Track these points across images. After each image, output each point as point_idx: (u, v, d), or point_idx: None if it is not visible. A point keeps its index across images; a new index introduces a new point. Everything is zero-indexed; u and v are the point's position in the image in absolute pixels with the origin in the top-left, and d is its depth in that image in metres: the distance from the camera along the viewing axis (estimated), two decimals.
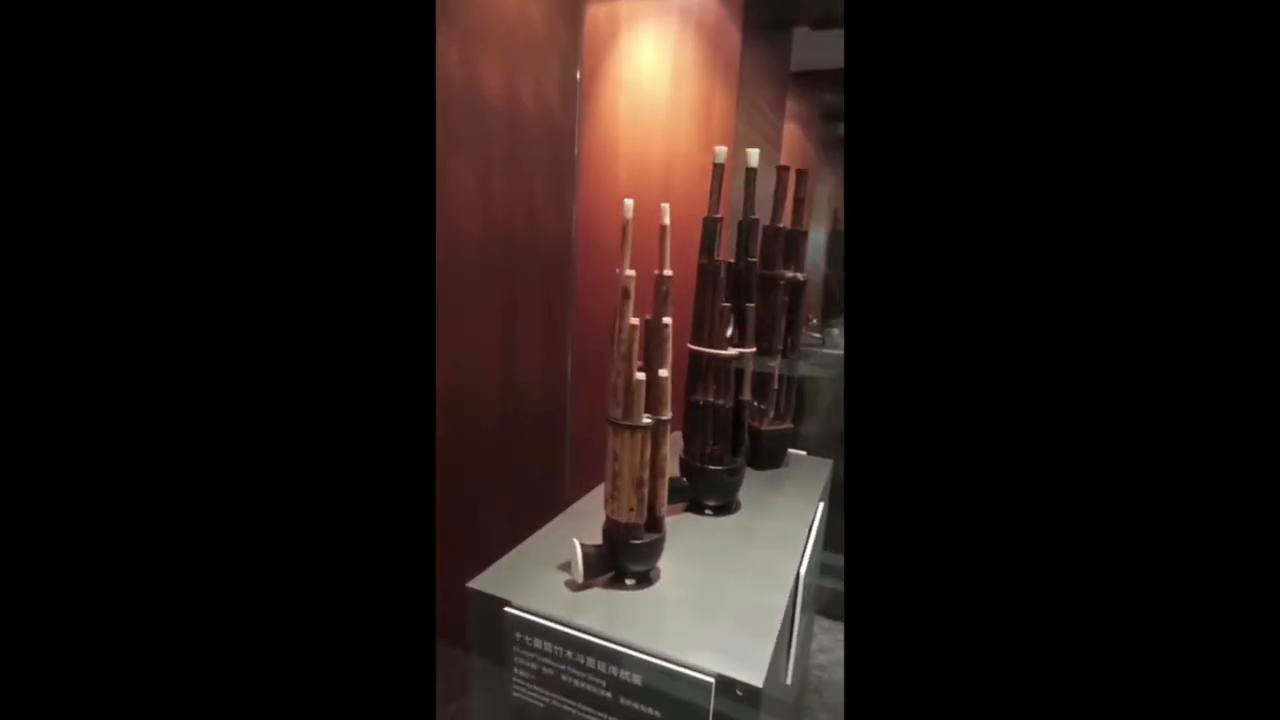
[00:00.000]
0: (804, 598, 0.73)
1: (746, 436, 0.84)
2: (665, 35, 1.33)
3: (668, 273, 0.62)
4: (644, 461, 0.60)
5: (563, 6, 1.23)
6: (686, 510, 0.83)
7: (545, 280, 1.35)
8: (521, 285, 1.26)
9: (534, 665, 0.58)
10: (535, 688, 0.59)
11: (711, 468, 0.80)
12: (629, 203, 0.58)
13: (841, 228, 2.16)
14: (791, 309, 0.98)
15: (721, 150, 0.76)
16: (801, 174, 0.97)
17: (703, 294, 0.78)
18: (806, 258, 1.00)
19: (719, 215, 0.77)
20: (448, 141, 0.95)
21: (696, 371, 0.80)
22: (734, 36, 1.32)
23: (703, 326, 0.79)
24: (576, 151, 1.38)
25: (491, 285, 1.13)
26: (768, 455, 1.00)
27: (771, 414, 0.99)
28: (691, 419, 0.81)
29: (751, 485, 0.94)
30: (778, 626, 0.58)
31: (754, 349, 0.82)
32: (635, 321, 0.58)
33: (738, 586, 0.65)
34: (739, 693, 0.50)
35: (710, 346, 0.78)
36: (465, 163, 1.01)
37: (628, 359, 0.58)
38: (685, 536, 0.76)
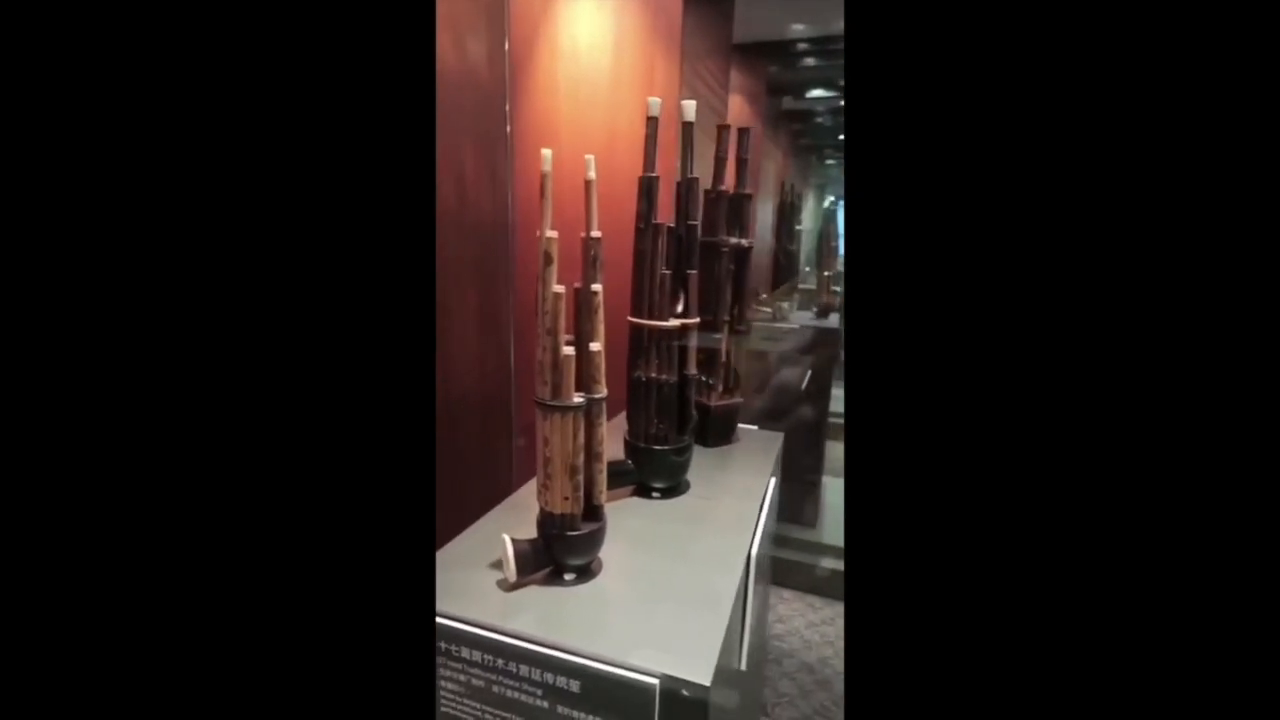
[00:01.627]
0: (756, 575, 0.69)
1: (694, 413, 0.80)
2: (604, 1, 1.25)
3: (595, 234, 0.55)
4: (577, 446, 0.55)
5: None
6: (634, 494, 0.78)
7: (480, 257, 1.27)
8: (455, 263, 1.17)
9: (462, 677, 0.52)
10: (465, 701, 0.53)
11: (657, 448, 0.75)
12: (546, 153, 0.51)
13: (791, 200, 2.13)
14: (738, 277, 0.93)
15: (655, 101, 0.70)
16: (743, 132, 0.92)
17: (641, 261, 0.72)
18: (753, 223, 0.95)
19: (654, 174, 0.71)
20: None
21: (637, 346, 0.74)
22: (675, 5, 1.25)
23: (643, 296, 0.73)
24: (509, 124, 1.29)
25: None
26: (718, 432, 0.96)
27: (720, 389, 0.95)
28: (634, 397, 0.76)
29: (701, 463, 0.90)
30: (727, 615, 0.54)
31: (698, 320, 0.77)
32: (560, 289, 0.52)
33: (685, 573, 0.61)
34: (685, 693, 0.46)
35: (651, 318, 0.72)
36: None
37: (553, 332, 0.52)
38: (630, 522, 0.71)
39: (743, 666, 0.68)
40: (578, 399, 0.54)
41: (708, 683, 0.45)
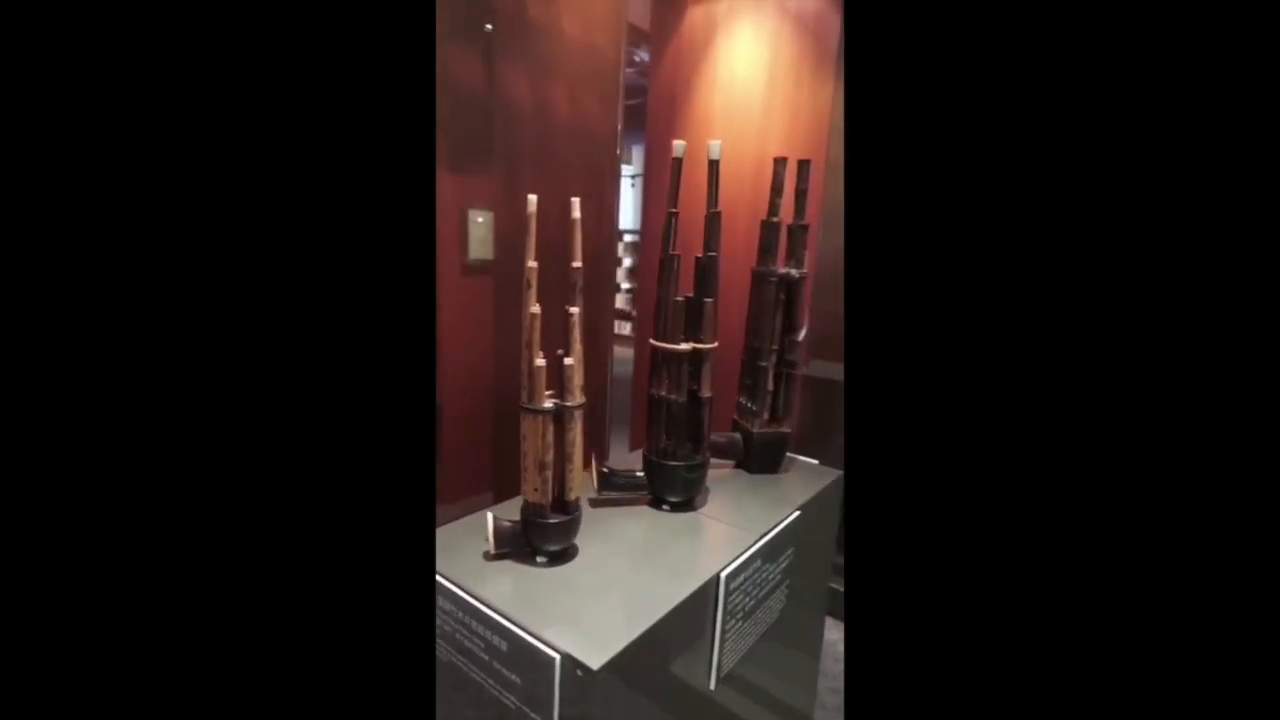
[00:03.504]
0: (732, 601, 0.70)
1: (707, 433, 0.82)
2: (761, 31, 1.31)
3: (577, 264, 0.64)
4: (546, 444, 0.63)
5: (605, 22, 1.28)
6: (648, 504, 0.83)
7: (589, 276, 1.41)
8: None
9: (440, 621, 0.64)
10: (440, 641, 0.65)
11: (665, 462, 0.80)
12: (532, 198, 0.62)
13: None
14: (788, 307, 0.93)
15: (679, 144, 0.76)
16: (803, 164, 0.92)
17: (660, 288, 0.78)
18: (809, 253, 0.94)
19: (674, 210, 0.77)
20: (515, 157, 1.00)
21: (654, 366, 0.80)
22: (833, 31, 1.29)
23: (658, 320, 0.79)
24: (619, 154, 1.42)
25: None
26: (760, 459, 0.96)
27: (765, 416, 0.95)
28: (650, 413, 0.82)
29: (731, 486, 0.92)
30: (655, 619, 0.57)
31: (713, 344, 0.80)
32: (536, 310, 0.62)
33: (644, 577, 0.65)
34: (579, 672, 0.51)
35: (665, 341, 0.78)
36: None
37: (530, 345, 0.62)
38: (626, 526, 0.77)
39: (711, 686, 0.70)
40: (548, 404, 0.63)
41: (595, 667, 0.51)
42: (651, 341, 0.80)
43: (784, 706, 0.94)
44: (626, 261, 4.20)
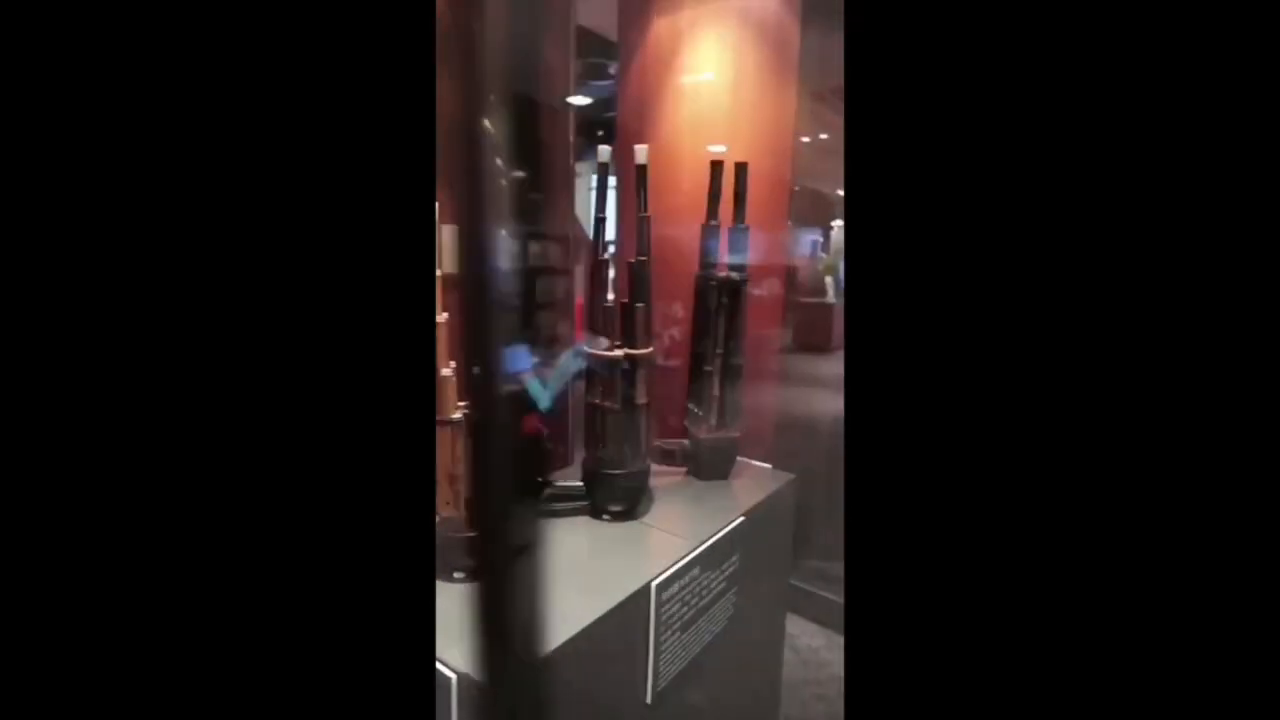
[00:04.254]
0: (667, 611, 0.67)
1: (645, 441, 0.81)
2: (725, 41, 1.31)
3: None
4: (456, 457, 0.62)
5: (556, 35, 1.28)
6: (589, 514, 0.81)
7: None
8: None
9: None
10: None
11: (603, 471, 0.78)
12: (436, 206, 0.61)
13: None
14: (731, 311, 0.92)
15: (640, 149, 0.76)
16: (740, 166, 0.92)
17: (589, 293, 0.77)
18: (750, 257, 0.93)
19: (602, 215, 0.76)
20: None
21: (590, 374, 0.79)
22: (793, 38, 1.29)
23: (591, 326, 0.78)
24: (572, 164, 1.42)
25: None
26: (709, 465, 0.94)
27: (712, 421, 0.93)
28: (587, 422, 0.80)
29: (679, 493, 0.90)
30: (572, 634, 0.55)
31: (647, 350, 0.79)
32: (442, 319, 0.61)
33: (561, 590, 0.63)
34: (475, 691, 0.49)
35: (594, 347, 0.77)
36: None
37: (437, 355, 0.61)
38: (560, 538, 0.75)
39: (648, 699, 0.67)
40: (455, 415, 0.61)
41: (461, 671, 0.49)
42: (584, 349, 0.78)
43: (740, 715, 0.91)
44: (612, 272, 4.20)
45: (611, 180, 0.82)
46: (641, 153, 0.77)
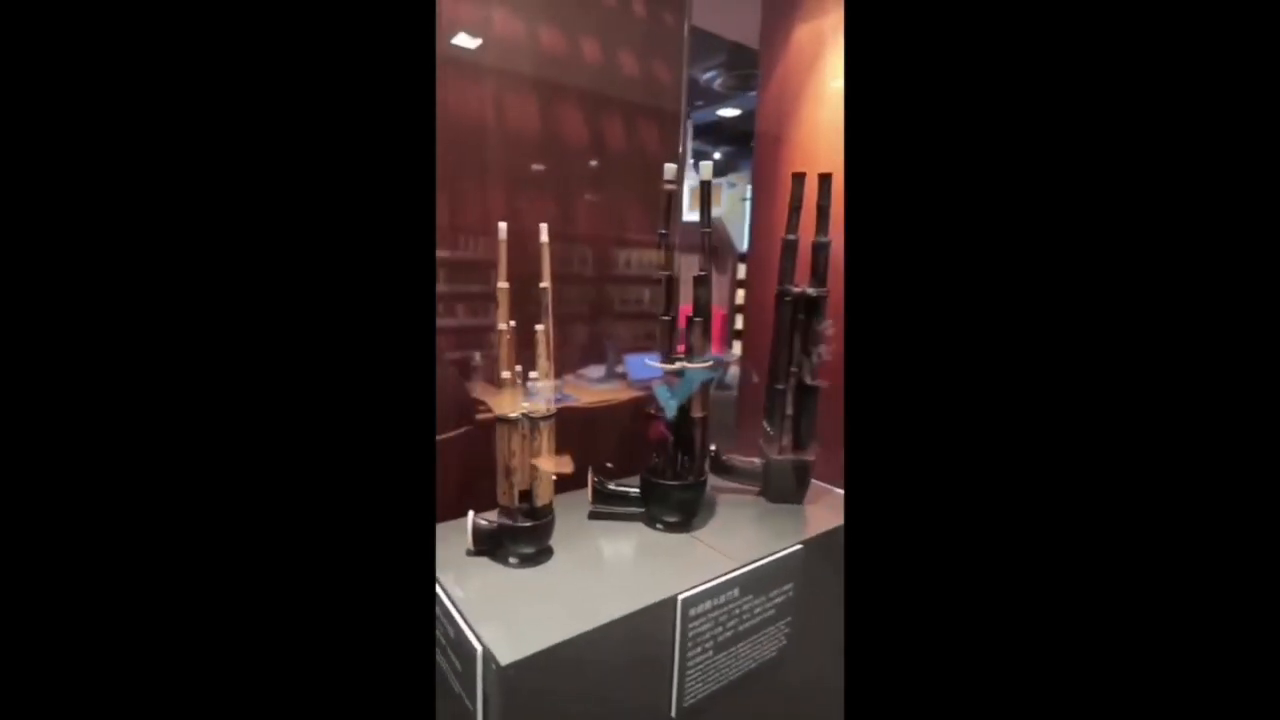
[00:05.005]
0: (696, 628, 0.68)
1: (701, 453, 0.81)
2: None
3: (543, 285, 0.69)
4: (511, 451, 0.68)
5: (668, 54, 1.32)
6: (646, 522, 0.84)
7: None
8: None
9: None
10: None
11: (658, 481, 0.80)
12: (503, 225, 0.68)
13: None
14: (808, 328, 0.88)
15: (670, 167, 0.78)
16: (824, 178, 0.88)
17: (663, 309, 0.80)
18: (831, 272, 0.89)
19: (664, 230, 0.79)
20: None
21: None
22: None
23: (659, 340, 0.81)
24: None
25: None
26: (777, 487, 0.91)
27: (784, 441, 0.91)
28: (648, 431, 0.83)
29: (742, 513, 0.89)
30: (587, 629, 0.59)
31: (707, 364, 0.79)
32: (503, 327, 0.68)
33: (599, 590, 0.66)
34: (494, 666, 0.55)
35: (660, 360, 0.79)
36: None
37: (497, 360, 0.68)
38: (610, 540, 0.79)
39: (672, 713, 0.68)
40: (511, 414, 0.68)
41: (504, 662, 0.53)
42: (645, 361, 0.81)
43: None
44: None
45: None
46: (706, 169, 0.78)
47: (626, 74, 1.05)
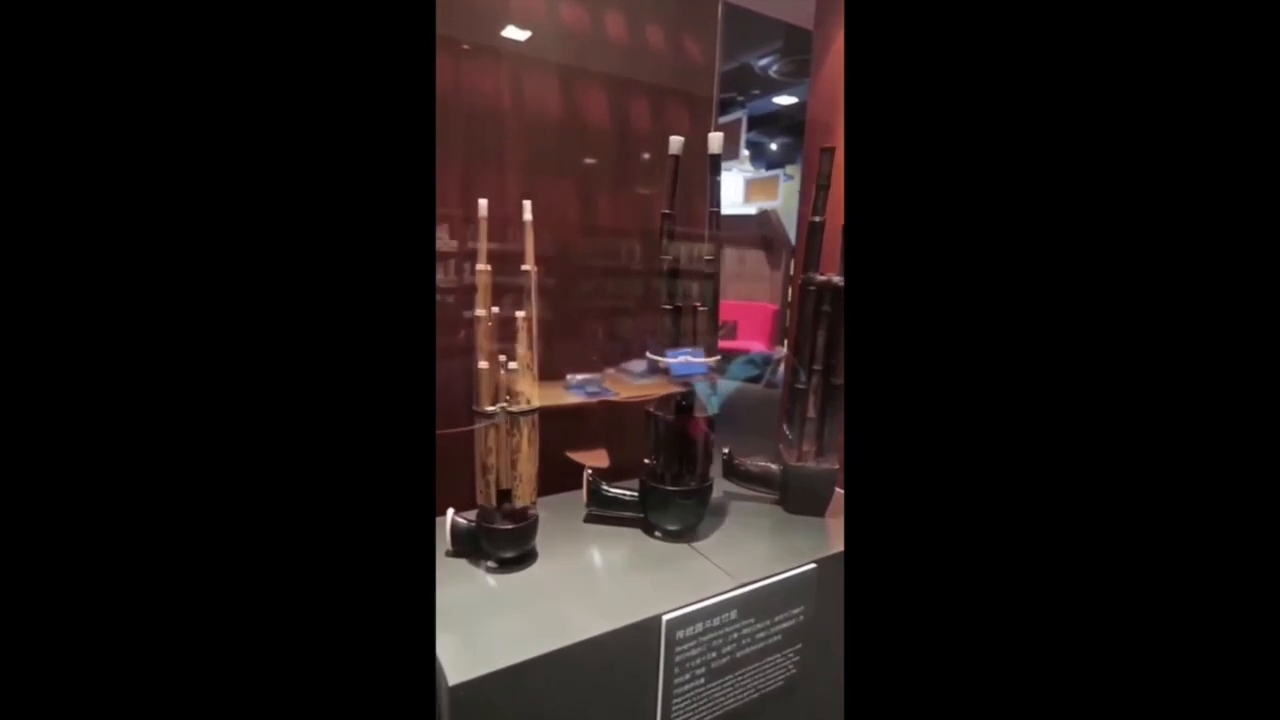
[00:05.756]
0: (684, 652, 0.60)
1: (703, 459, 0.73)
2: None
3: (526, 267, 0.63)
4: (488, 448, 0.63)
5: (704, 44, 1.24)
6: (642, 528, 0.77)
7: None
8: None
9: None
10: None
11: (655, 485, 0.73)
12: (483, 203, 0.63)
13: None
14: (833, 321, 0.79)
15: (676, 140, 0.71)
16: (825, 153, 0.78)
17: (664, 297, 0.73)
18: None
19: (667, 210, 0.71)
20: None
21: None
22: None
23: (658, 331, 0.74)
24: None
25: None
26: (795, 497, 0.82)
27: (806, 446, 0.81)
28: (646, 431, 0.76)
29: (754, 523, 0.81)
30: (549, 649, 0.53)
31: (712, 358, 0.71)
32: (481, 313, 0.63)
33: (575, 606, 0.60)
34: (444, 685, 0.50)
35: (655, 353, 0.72)
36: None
37: (478, 349, 0.63)
38: (601, 546, 0.72)
39: None
40: (490, 408, 0.63)
41: (453, 682, 0.48)
42: (648, 355, 0.75)
43: None
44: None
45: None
46: (715, 142, 0.70)
47: (655, 55, 0.98)
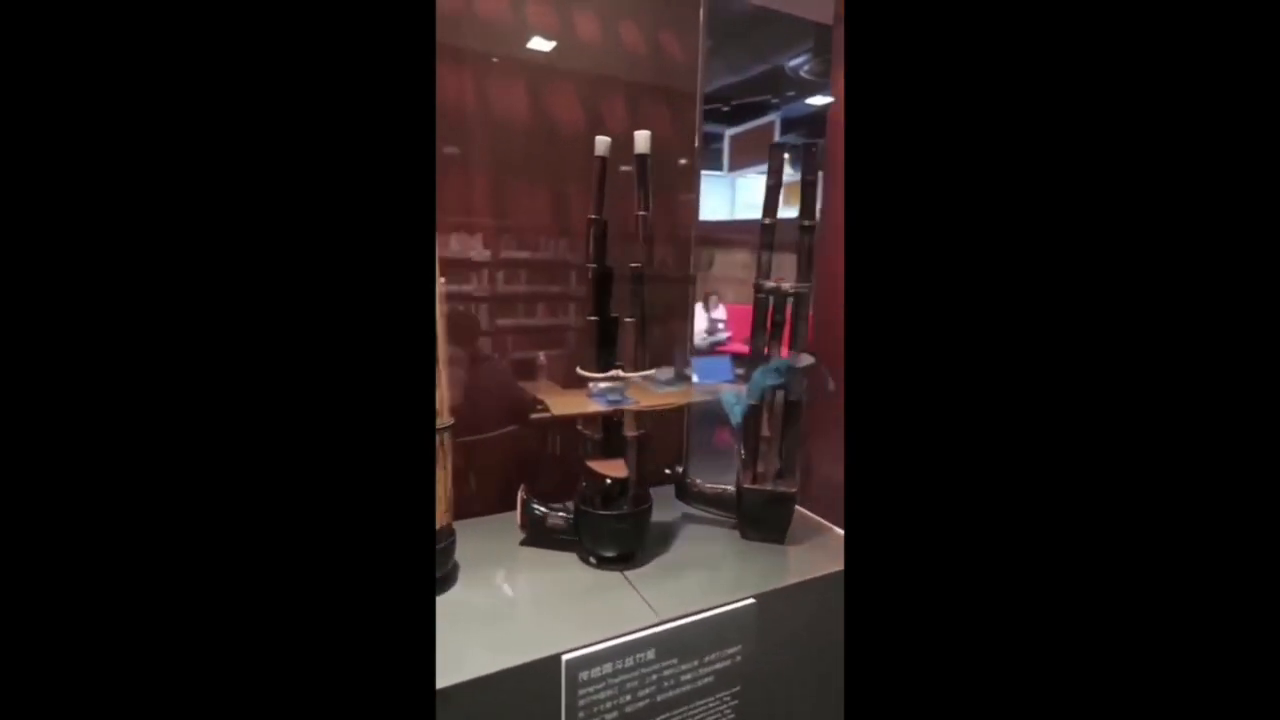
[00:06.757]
0: (591, 697, 0.55)
1: (635, 480, 0.68)
2: None
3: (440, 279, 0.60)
4: None
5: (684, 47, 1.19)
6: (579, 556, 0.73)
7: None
8: None
9: None
10: None
11: (584, 508, 0.69)
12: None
13: None
14: (793, 329, 0.72)
15: (602, 140, 0.67)
16: (808, 149, 0.72)
17: (592, 308, 0.69)
18: (815, 262, 0.72)
19: (594, 215, 0.67)
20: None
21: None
22: None
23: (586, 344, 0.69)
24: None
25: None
26: (750, 521, 0.76)
27: (759, 468, 0.75)
28: (579, 450, 0.71)
29: (704, 550, 0.75)
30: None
31: (637, 372, 0.66)
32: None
33: (468, 640, 0.56)
34: None
35: (584, 368, 0.68)
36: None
37: None
38: (527, 573, 0.68)
39: None
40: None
41: None
42: (579, 370, 0.70)
43: None
44: None
45: None
46: (642, 140, 0.65)
47: (632, 51, 0.94)
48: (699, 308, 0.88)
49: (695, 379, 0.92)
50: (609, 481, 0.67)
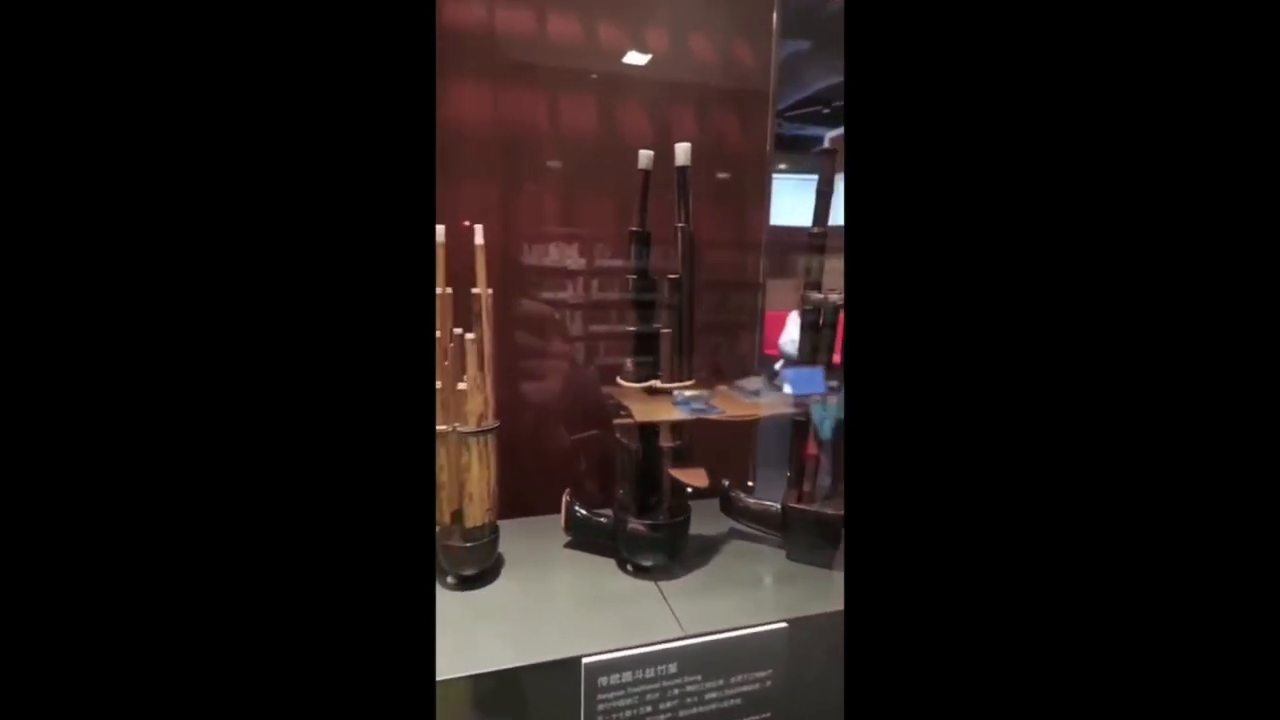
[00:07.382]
0: (610, 703, 0.55)
1: (670, 491, 0.67)
2: None
3: (476, 291, 0.64)
4: (440, 466, 0.65)
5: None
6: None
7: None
8: None
9: None
10: None
11: (621, 516, 0.69)
12: (440, 228, 0.65)
13: None
14: (832, 343, 0.69)
15: (646, 154, 0.68)
16: (826, 154, 0.68)
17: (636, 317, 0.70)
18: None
19: (635, 228, 0.68)
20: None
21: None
22: None
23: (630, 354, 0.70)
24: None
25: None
26: (795, 543, 0.72)
27: (805, 487, 0.72)
28: (616, 459, 0.72)
29: (746, 570, 0.73)
30: (456, 673, 0.52)
31: (679, 384, 0.65)
32: (439, 334, 0.65)
33: (501, 637, 0.59)
34: None
35: (624, 379, 0.69)
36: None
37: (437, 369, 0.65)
38: (566, 576, 0.70)
39: None
40: (442, 427, 0.64)
41: None
42: (618, 380, 0.71)
43: None
44: None
45: None
46: (682, 153, 0.65)
47: (701, 58, 0.95)
48: (793, 316, 0.86)
49: (788, 390, 0.90)
50: (641, 490, 0.68)
